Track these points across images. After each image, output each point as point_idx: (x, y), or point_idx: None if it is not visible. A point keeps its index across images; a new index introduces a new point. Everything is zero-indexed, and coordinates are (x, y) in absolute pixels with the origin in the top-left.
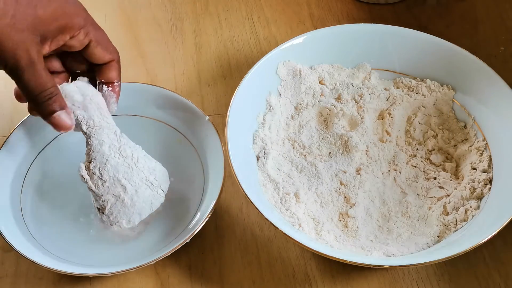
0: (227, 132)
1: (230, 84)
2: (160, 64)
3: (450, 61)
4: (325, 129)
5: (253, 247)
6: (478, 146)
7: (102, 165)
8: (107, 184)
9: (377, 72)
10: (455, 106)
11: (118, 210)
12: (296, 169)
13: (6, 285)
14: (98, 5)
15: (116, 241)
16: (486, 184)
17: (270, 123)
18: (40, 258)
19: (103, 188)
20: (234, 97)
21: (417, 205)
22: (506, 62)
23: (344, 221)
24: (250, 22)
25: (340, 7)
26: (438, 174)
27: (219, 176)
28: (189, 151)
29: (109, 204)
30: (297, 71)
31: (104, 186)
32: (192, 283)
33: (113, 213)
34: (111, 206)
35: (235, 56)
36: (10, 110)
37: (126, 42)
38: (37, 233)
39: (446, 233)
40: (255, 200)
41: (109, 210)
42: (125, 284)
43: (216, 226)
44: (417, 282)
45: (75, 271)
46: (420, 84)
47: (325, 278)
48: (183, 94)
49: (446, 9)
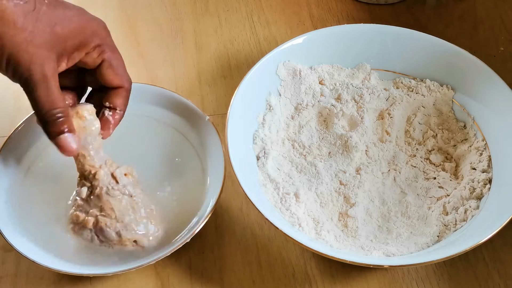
0: (227, 132)
1: (230, 84)
2: (160, 64)
3: (449, 61)
4: (325, 129)
5: (253, 247)
6: (478, 146)
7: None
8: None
9: (376, 72)
10: (454, 106)
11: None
12: (296, 169)
13: (7, 285)
14: (98, 5)
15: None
16: (485, 184)
17: (270, 123)
18: (41, 257)
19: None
20: (234, 97)
21: (416, 205)
22: (505, 62)
23: (344, 221)
24: (250, 23)
25: (340, 8)
26: (437, 174)
27: (219, 176)
28: (189, 151)
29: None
30: (297, 71)
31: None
32: (192, 283)
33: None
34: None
35: (235, 56)
36: (11, 110)
37: (126, 42)
38: (37, 233)
39: (445, 233)
40: (255, 200)
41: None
42: (125, 284)
43: (216, 226)
44: (417, 282)
45: (75, 271)
46: (419, 84)
47: (325, 278)
48: (183, 94)
49: (445, 9)
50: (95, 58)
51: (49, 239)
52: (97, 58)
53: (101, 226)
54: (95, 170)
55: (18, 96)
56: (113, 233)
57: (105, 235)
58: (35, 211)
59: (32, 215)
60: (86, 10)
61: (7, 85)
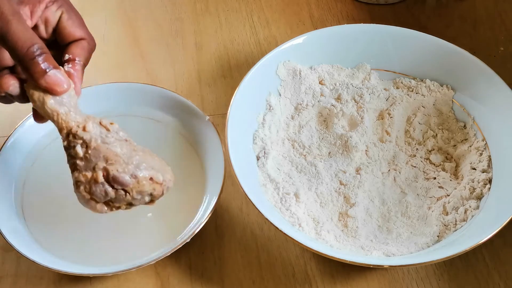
0: (227, 132)
1: (230, 84)
2: (160, 64)
3: (449, 61)
4: (325, 129)
5: (253, 247)
6: (478, 146)
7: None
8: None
9: (376, 72)
10: (454, 106)
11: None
12: (296, 169)
13: (7, 285)
14: (98, 5)
15: (116, 241)
16: (485, 184)
17: (270, 123)
18: (41, 257)
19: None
20: (234, 97)
21: (416, 205)
22: (505, 62)
23: (344, 221)
24: (250, 23)
25: (340, 8)
26: (437, 174)
27: (219, 176)
28: (189, 151)
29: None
30: (297, 71)
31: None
32: (192, 283)
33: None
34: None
35: (235, 56)
36: (11, 110)
37: (126, 42)
38: (37, 232)
39: (445, 233)
40: (255, 200)
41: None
42: (125, 284)
43: (216, 226)
44: (417, 281)
45: (75, 271)
46: (419, 84)
47: (325, 278)
48: (183, 94)
49: (445, 9)
50: (55, 11)
51: (49, 239)
52: (56, 11)
53: (113, 174)
54: (83, 124)
55: None
56: (127, 177)
57: (120, 181)
58: (35, 211)
59: (33, 215)
60: (86, 10)
61: None
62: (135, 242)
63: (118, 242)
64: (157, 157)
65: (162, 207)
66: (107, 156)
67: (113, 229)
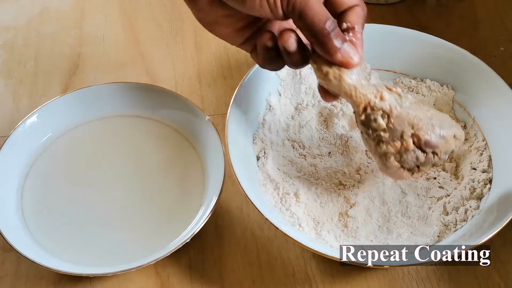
0: (227, 132)
1: (230, 84)
2: (160, 64)
3: (450, 61)
4: (325, 129)
5: (253, 247)
6: (478, 146)
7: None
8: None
9: (377, 72)
10: (455, 106)
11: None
12: (296, 169)
13: (6, 285)
14: (98, 5)
15: (116, 241)
16: (486, 184)
17: (270, 123)
18: (41, 258)
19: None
20: (234, 97)
21: (417, 205)
22: (505, 62)
23: (344, 221)
24: None
25: None
26: (438, 174)
27: (219, 176)
28: (189, 151)
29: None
30: (297, 71)
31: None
32: (192, 283)
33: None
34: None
35: (235, 56)
36: (11, 110)
37: (126, 42)
38: (37, 233)
39: (446, 233)
40: (255, 200)
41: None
42: (125, 284)
43: (216, 226)
44: (417, 281)
45: (75, 271)
46: (420, 84)
47: (325, 278)
48: (183, 94)
49: (446, 9)
50: None
51: (49, 239)
52: None
53: (425, 139)
54: (380, 93)
55: (18, 96)
56: (438, 139)
57: (433, 144)
58: (35, 211)
59: (33, 215)
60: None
61: (7, 85)
62: (135, 242)
63: (118, 242)
64: (439, 112)
65: (162, 207)
66: (411, 122)
67: (113, 229)
